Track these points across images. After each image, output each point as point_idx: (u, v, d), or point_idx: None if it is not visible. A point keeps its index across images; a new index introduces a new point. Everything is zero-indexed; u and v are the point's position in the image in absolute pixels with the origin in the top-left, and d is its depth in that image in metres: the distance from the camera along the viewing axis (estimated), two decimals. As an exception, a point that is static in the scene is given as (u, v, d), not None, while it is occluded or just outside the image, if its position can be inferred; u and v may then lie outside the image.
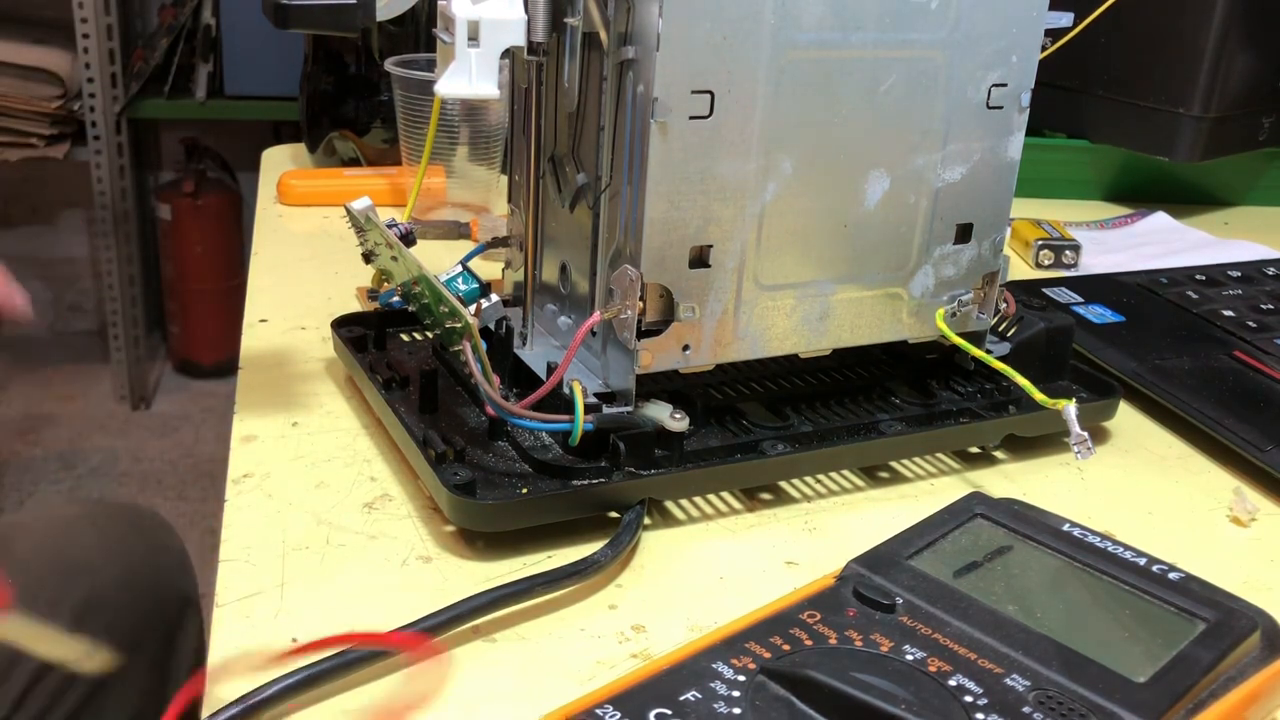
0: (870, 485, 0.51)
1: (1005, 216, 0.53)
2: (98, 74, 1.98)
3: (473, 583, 0.42)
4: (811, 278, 0.49)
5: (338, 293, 0.69)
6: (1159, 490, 0.53)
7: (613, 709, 0.31)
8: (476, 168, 0.83)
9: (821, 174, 0.48)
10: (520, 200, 0.54)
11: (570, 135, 0.50)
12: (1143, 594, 0.38)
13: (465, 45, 0.46)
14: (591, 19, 0.45)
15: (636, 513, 0.45)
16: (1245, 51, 0.90)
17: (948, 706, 0.32)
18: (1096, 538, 0.40)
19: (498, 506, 0.44)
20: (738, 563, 0.45)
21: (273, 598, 0.41)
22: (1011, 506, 0.42)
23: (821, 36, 0.46)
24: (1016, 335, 0.56)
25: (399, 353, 0.56)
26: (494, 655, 0.39)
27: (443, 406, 0.50)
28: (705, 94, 0.44)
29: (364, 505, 0.47)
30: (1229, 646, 0.35)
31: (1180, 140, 0.92)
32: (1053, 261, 0.81)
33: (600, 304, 0.48)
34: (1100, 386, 0.57)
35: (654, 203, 0.45)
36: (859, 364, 0.55)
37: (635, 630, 0.41)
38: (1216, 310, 0.69)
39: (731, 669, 0.33)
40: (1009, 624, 0.35)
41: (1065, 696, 0.32)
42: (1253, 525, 0.51)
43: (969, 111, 0.50)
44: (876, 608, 0.36)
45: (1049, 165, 0.96)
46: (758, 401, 0.52)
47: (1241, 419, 0.56)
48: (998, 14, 0.49)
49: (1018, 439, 0.54)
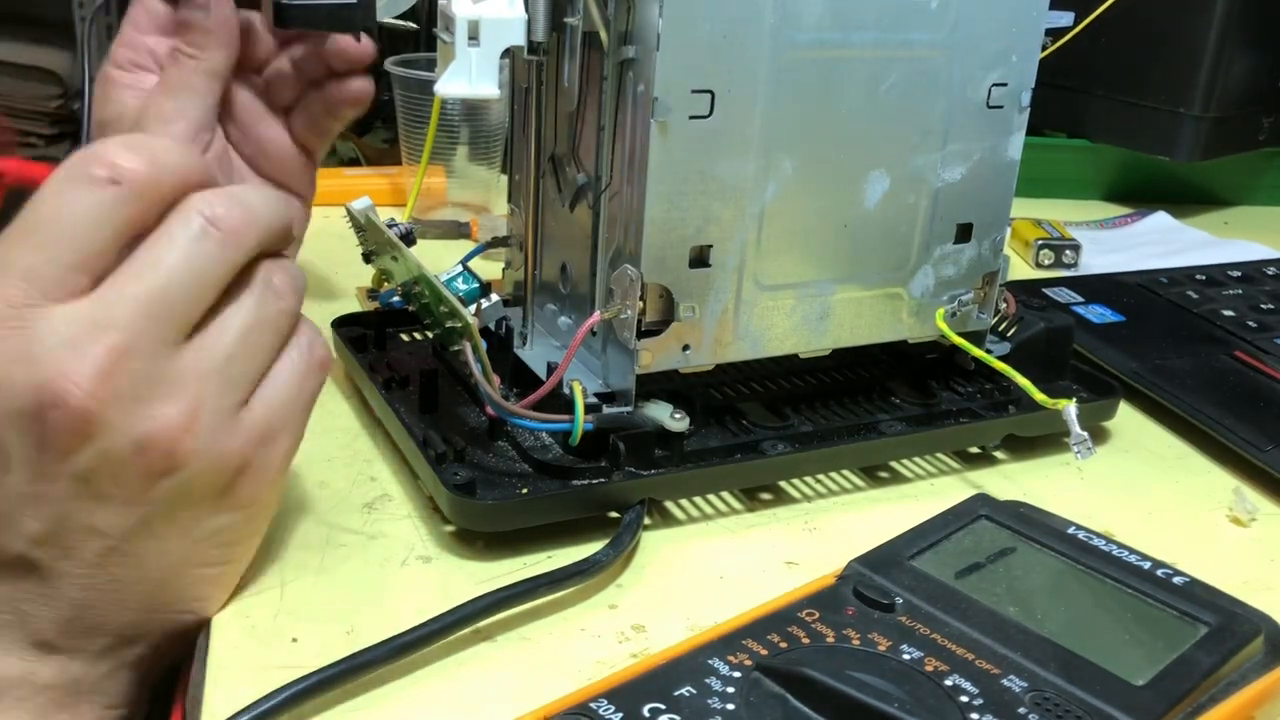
0: (870, 485, 0.51)
1: (1005, 216, 0.53)
2: (97, 74, 1.98)
3: (473, 583, 0.42)
4: (811, 278, 0.49)
5: (338, 292, 0.69)
6: (1159, 490, 0.53)
7: (608, 703, 0.32)
8: (476, 168, 0.83)
9: (821, 174, 0.48)
10: (520, 200, 0.54)
11: (570, 135, 0.50)
12: (1145, 597, 0.38)
13: (465, 45, 0.46)
14: (591, 18, 0.45)
15: (637, 513, 0.45)
16: (1245, 51, 0.90)
17: (943, 706, 0.32)
18: (1101, 541, 0.40)
19: (498, 506, 0.44)
20: (738, 562, 0.45)
21: (272, 598, 0.41)
22: (1016, 509, 0.42)
23: (821, 36, 0.46)
24: (1016, 335, 0.56)
25: (399, 353, 0.56)
26: (495, 655, 0.39)
27: (443, 406, 0.50)
28: (705, 94, 0.44)
29: (364, 505, 0.47)
30: (1230, 651, 0.35)
31: (1180, 140, 0.92)
32: (1053, 261, 0.81)
33: (600, 304, 0.48)
34: (1100, 386, 0.57)
35: (654, 203, 0.45)
36: (859, 364, 0.55)
37: (635, 630, 0.41)
38: (1216, 310, 0.69)
39: (728, 665, 0.33)
40: (1009, 625, 0.35)
41: (1062, 698, 0.32)
42: (1253, 525, 0.51)
43: (969, 111, 0.50)
44: (876, 607, 0.36)
45: (1049, 165, 0.96)
46: (758, 401, 0.52)
47: (1241, 419, 0.56)
48: (998, 14, 0.49)
49: (1018, 439, 0.54)
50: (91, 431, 0.34)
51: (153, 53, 0.53)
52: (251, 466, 0.37)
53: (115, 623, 0.38)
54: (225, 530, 0.38)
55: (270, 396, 0.38)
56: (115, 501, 0.35)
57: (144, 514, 0.36)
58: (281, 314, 0.38)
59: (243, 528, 0.39)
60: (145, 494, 0.35)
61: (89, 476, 0.34)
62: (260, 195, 0.38)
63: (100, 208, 0.34)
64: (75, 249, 0.34)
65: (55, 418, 0.33)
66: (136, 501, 0.35)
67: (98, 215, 0.34)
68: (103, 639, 0.38)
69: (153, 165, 0.35)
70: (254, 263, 0.37)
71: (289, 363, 0.38)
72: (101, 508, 0.35)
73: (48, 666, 0.37)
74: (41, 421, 0.33)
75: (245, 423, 0.37)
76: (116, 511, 0.35)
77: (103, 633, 0.38)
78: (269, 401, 0.38)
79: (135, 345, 0.34)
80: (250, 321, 0.37)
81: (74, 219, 0.34)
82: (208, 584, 0.39)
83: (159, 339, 0.34)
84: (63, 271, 0.34)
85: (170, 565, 0.38)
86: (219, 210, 0.36)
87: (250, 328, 0.37)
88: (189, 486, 0.36)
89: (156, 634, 0.39)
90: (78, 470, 0.34)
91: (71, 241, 0.34)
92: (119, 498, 0.35)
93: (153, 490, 0.35)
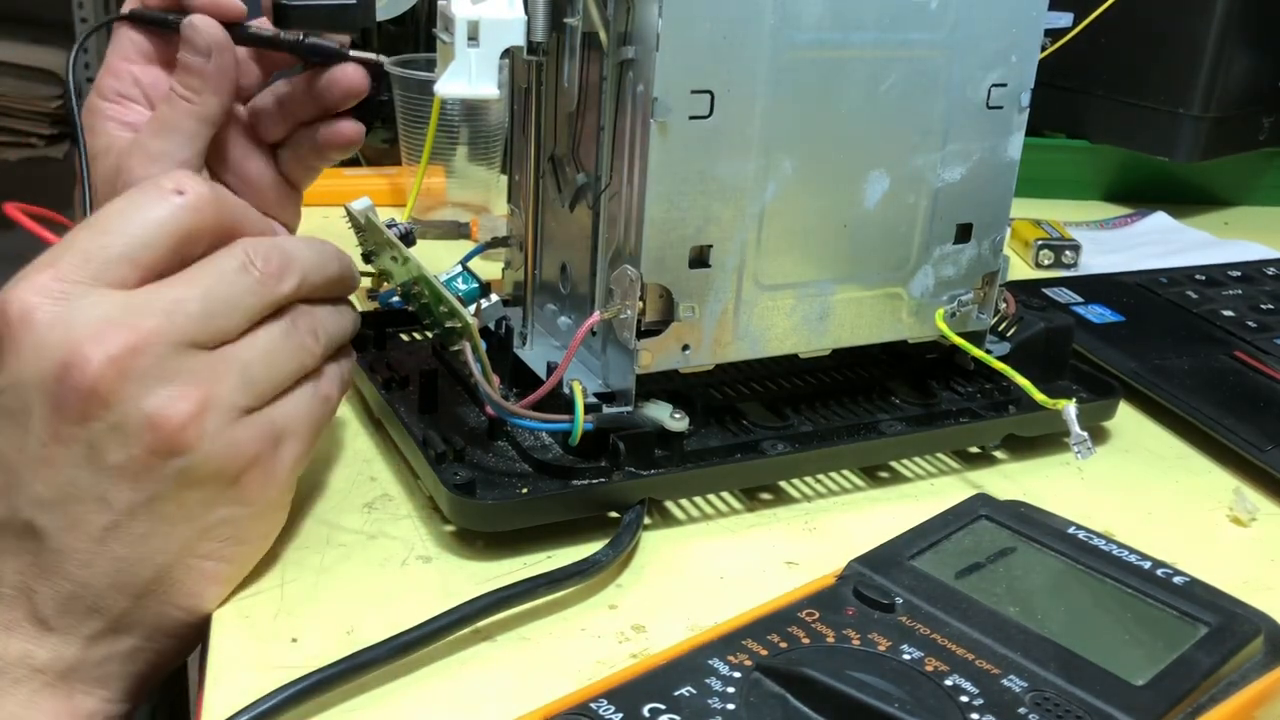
0: (870, 485, 0.51)
1: (1005, 216, 0.53)
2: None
3: (473, 583, 0.42)
4: (811, 278, 0.49)
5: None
6: (1159, 490, 0.53)
7: (608, 703, 0.32)
8: (476, 168, 0.83)
9: (821, 174, 0.48)
10: (520, 200, 0.54)
11: (570, 135, 0.50)
12: (1145, 597, 0.38)
13: (465, 45, 0.46)
14: (591, 19, 0.45)
15: (637, 513, 0.45)
16: (1245, 51, 0.90)
17: (943, 706, 0.32)
18: (1101, 541, 0.40)
19: (498, 506, 0.44)
20: (738, 562, 0.45)
21: (272, 597, 0.41)
22: (1017, 509, 0.42)
23: (821, 36, 0.46)
24: (1016, 335, 0.56)
25: (399, 353, 0.56)
26: (495, 655, 0.39)
27: (443, 406, 0.50)
28: (705, 94, 0.44)
29: (364, 505, 0.47)
30: (1230, 651, 0.35)
31: (1180, 140, 0.92)
32: (1053, 261, 0.81)
33: (600, 304, 0.48)
34: (1100, 386, 0.57)
35: (654, 203, 0.45)
36: (859, 364, 0.55)
37: (635, 630, 0.41)
38: (1216, 310, 0.69)
39: (728, 665, 0.33)
40: (1009, 625, 0.35)
41: (1062, 698, 0.32)
42: (1253, 525, 0.51)
43: (969, 111, 0.50)
44: (876, 607, 0.36)
45: (1049, 165, 0.96)
46: (758, 401, 0.52)
47: (1241, 419, 0.56)
48: (997, 14, 0.49)
49: (1018, 439, 0.54)
50: (105, 399, 0.36)
51: (139, 82, 0.54)
52: (259, 464, 0.39)
53: (112, 608, 0.38)
54: (229, 524, 0.40)
55: (281, 406, 0.41)
56: (124, 475, 0.37)
57: (151, 492, 0.37)
58: (303, 349, 0.41)
59: (247, 527, 0.40)
60: (152, 471, 0.37)
61: (100, 445, 0.36)
62: (308, 249, 0.42)
63: (162, 211, 0.38)
64: (131, 242, 0.38)
65: (73, 381, 0.36)
66: (144, 478, 0.37)
67: (158, 217, 0.38)
68: (97, 623, 0.38)
69: (216, 191, 0.40)
70: (293, 305, 0.41)
71: (302, 389, 0.42)
72: (109, 479, 0.37)
73: (43, 648, 0.38)
74: (61, 384, 0.36)
75: (255, 421, 0.39)
76: (124, 485, 0.37)
77: (98, 616, 0.38)
78: (280, 408, 0.41)
79: (157, 338, 0.37)
80: (272, 346, 0.40)
81: (137, 216, 0.38)
82: (207, 579, 0.40)
83: (180, 340, 0.37)
84: (116, 260, 0.37)
85: (172, 552, 0.39)
86: (261, 253, 0.40)
87: (272, 350, 0.40)
88: (196, 471, 0.38)
89: (150, 625, 0.40)
90: (90, 437, 0.36)
91: (129, 235, 0.38)
92: (127, 471, 0.37)
93: (160, 469, 0.37)
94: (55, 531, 0.37)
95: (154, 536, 0.38)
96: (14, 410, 0.37)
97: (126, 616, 0.39)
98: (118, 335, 0.36)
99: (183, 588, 0.39)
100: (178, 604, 0.40)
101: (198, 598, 0.40)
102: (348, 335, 0.45)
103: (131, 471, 0.37)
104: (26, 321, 0.36)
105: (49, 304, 0.36)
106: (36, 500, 0.37)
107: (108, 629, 0.39)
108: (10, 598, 0.38)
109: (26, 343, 0.36)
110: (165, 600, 0.39)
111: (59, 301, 0.37)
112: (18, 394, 0.37)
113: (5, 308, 0.37)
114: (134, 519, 0.37)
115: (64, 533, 0.37)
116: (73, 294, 0.37)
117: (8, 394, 0.37)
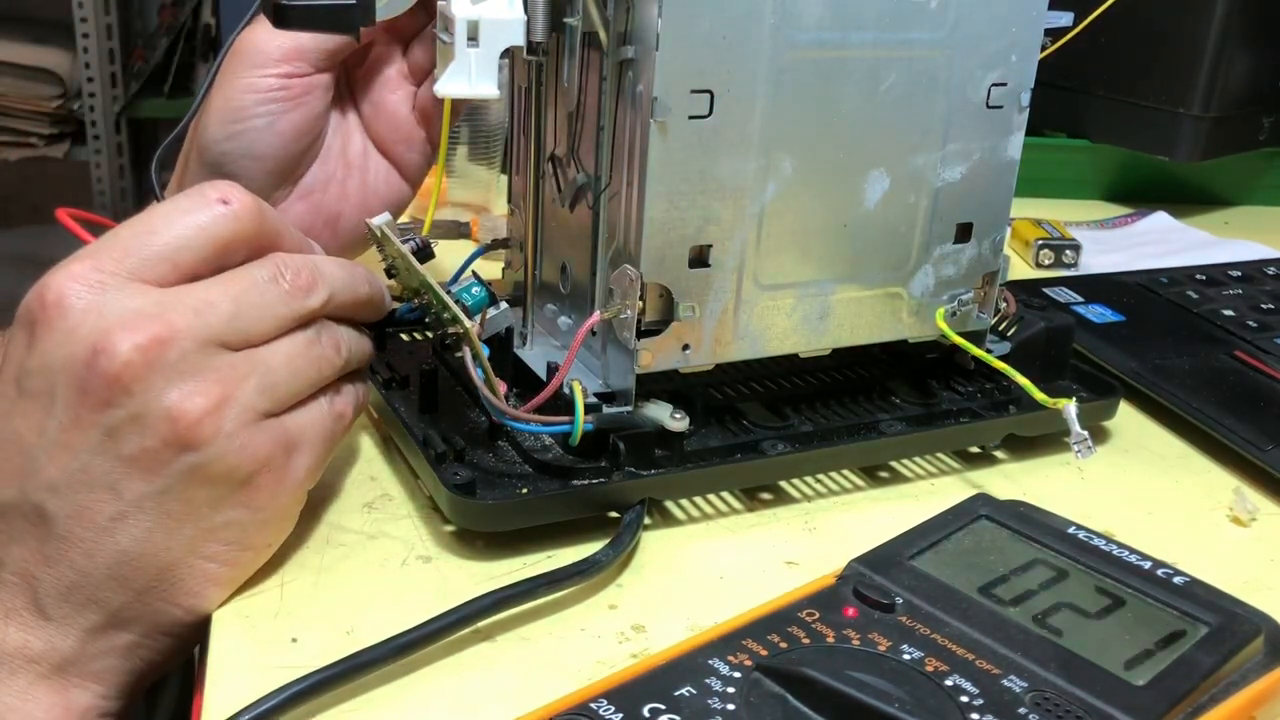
0: (870, 485, 0.51)
1: (1005, 216, 0.53)
2: (97, 74, 1.99)
3: (473, 583, 0.42)
4: (811, 277, 0.49)
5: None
6: (1159, 490, 0.53)
7: (608, 703, 0.32)
8: (476, 168, 0.83)
9: (821, 174, 0.48)
10: (520, 200, 0.54)
11: (570, 135, 0.50)
12: (1145, 597, 0.38)
13: (465, 45, 0.46)
14: (591, 19, 0.45)
15: (637, 513, 0.45)
16: (1245, 51, 0.90)
17: (943, 706, 0.32)
18: (1101, 541, 0.40)
19: (498, 506, 0.44)
20: (738, 562, 0.45)
21: (272, 597, 0.41)
22: (1017, 508, 0.42)
23: (821, 36, 0.46)
24: (1017, 335, 0.56)
25: (399, 353, 0.56)
26: (495, 655, 0.39)
27: (443, 406, 0.50)
28: (705, 94, 0.44)
29: (364, 505, 0.47)
30: (1231, 651, 0.35)
31: (1180, 140, 0.92)
32: (1053, 261, 0.81)
33: (600, 304, 0.48)
34: (1100, 386, 0.57)
35: (654, 203, 0.45)
36: (859, 364, 0.55)
37: (635, 630, 0.41)
38: (1216, 310, 0.69)
39: (728, 665, 0.33)
40: (1009, 625, 0.35)
41: (1062, 698, 0.32)
42: (1253, 525, 0.51)
43: (969, 111, 0.50)
44: (876, 607, 0.36)
45: (1049, 165, 0.96)
46: (758, 401, 0.52)
47: (1241, 419, 0.56)
48: (997, 14, 0.49)
49: (1018, 438, 0.54)
50: (128, 387, 0.37)
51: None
52: (270, 469, 0.40)
53: (111, 601, 0.39)
54: (235, 528, 0.40)
55: (297, 416, 0.41)
56: (136, 465, 0.37)
57: (161, 485, 0.38)
58: (324, 360, 0.42)
59: (253, 532, 0.40)
60: (165, 464, 0.38)
61: (117, 432, 0.37)
62: (339, 269, 0.44)
63: (205, 217, 0.40)
64: (171, 242, 0.39)
65: (100, 366, 0.37)
66: (156, 470, 0.38)
67: (200, 222, 0.40)
68: (96, 615, 0.39)
69: (258, 203, 0.41)
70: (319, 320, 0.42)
71: (318, 402, 0.42)
72: (122, 468, 0.37)
73: (40, 638, 0.38)
74: (89, 368, 0.37)
75: (270, 426, 0.40)
76: (136, 476, 0.37)
77: (97, 608, 0.39)
78: (295, 418, 0.41)
79: (186, 334, 0.38)
80: (295, 354, 0.41)
81: (180, 219, 0.40)
82: (208, 580, 0.40)
83: (208, 338, 0.38)
84: (155, 257, 0.39)
85: (176, 550, 0.39)
86: (294, 266, 0.41)
87: (294, 358, 0.41)
88: (207, 468, 0.38)
89: (149, 622, 0.40)
90: (109, 423, 0.37)
91: (171, 236, 0.39)
92: (140, 462, 0.37)
93: (173, 462, 0.38)
94: (62, 517, 0.38)
95: (159, 532, 0.38)
96: (39, 392, 0.38)
97: (125, 611, 0.39)
98: (148, 326, 0.37)
99: (184, 586, 0.40)
100: (178, 602, 0.40)
101: (198, 597, 0.40)
102: (368, 358, 0.46)
103: (144, 462, 0.37)
104: (61, 306, 0.37)
105: (85, 291, 0.37)
106: (48, 484, 0.37)
107: (106, 623, 0.39)
108: (13, 584, 0.38)
109: (59, 327, 0.37)
110: (165, 598, 0.39)
111: (95, 290, 0.38)
112: (45, 377, 0.37)
113: (43, 292, 0.38)
114: (141, 511, 0.38)
115: (71, 519, 0.38)
116: (109, 284, 0.38)
117: (36, 376, 0.38)
